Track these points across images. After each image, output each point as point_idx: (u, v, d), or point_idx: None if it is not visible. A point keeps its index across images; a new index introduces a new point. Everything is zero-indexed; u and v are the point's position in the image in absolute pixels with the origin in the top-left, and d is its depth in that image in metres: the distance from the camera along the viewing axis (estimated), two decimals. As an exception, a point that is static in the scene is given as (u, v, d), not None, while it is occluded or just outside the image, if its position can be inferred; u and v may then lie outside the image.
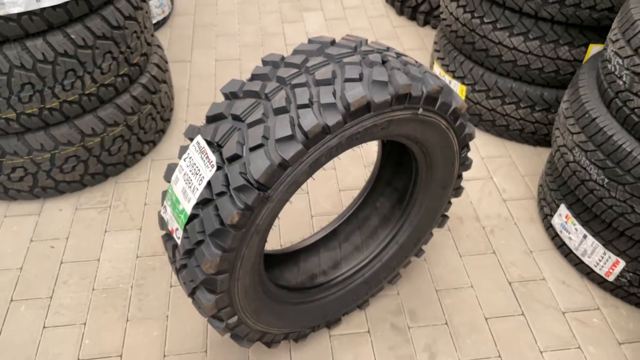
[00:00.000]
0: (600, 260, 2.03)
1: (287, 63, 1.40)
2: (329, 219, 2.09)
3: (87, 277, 2.10)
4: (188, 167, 1.36)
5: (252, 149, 1.25)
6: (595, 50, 2.33)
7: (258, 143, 1.24)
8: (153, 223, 2.31)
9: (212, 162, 1.30)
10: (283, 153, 1.23)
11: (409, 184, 1.84)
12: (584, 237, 2.05)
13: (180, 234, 1.36)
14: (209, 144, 1.33)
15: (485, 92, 2.63)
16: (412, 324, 1.99)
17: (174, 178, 1.40)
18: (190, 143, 1.38)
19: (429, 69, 1.50)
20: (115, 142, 2.38)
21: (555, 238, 2.24)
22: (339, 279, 1.87)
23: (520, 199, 2.47)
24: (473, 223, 2.36)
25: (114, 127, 2.34)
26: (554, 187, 2.20)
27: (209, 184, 1.29)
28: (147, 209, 2.37)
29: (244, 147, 1.27)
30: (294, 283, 1.81)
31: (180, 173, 1.38)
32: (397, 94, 1.34)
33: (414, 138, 1.54)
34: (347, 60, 1.37)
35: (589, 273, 2.11)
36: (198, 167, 1.33)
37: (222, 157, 1.29)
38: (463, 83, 2.71)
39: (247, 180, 1.24)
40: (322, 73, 1.32)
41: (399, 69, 1.39)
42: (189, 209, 1.32)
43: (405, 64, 1.44)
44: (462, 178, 1.84)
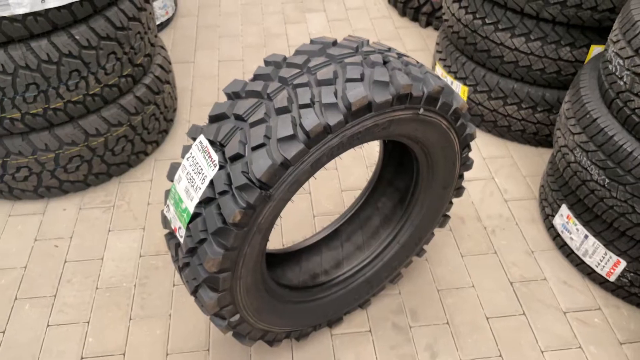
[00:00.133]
0: (602, 261, 2.03)
1: (289, 63, 1.41)
2: (331, 219, 2.09)
3: (90, 276, 2.12)
4: (191, 166, 1.37)
5: (254, 149, 1.26)
6: (597, 51, 2.34)
7: (260, 142, 1.25)
8: (156, 222, 2.32)
9: (214, 161, 1.31)
10: (285, 152, 1.24)
11: (411, 184, 1.84)
12: (585, 237, 2.06)
13: (183, 233, 1.37)
14: (212, 144, 1.34)
15: (487, 92, 2.64)
16: (413, 324, 1.99)
17: (177, 177, 1.41)
18: (193, 143, 1.39)
19: (430, 70, 1.51)
20: (119, 142, 2.39)
21: (557, 238, 2.24)
22: (341, 278, 1.88)
23: (522, 200, 2.47)
24: (474, 223, 2.36)
25: (118, 127, 2.35)
26: (556, 187, 2.21)
27: (212, 183, 1.30)
28: (150, 209, 2.39)
29: (246, 146, 1.28)
30: (296, 282, 1.82)
31: (183, 172, 1.39)
32: (398, 94, 1.35)
33: (415, 138, 1.55)
34: (348, 61, 1.37)
35: (590, 273, 2.12)
36: (201, 166, 1.34)
37: (224, 156, 1.30)
38: (465, 84, 2.71)
39: (249, 179, 1.25)
40: (323, 73, 1.33)
41: (400, 70, 1.40)
42: (192, 208, 1.33)
43: (407, 65, 1.45)
44: (463, 178, 1.85)
